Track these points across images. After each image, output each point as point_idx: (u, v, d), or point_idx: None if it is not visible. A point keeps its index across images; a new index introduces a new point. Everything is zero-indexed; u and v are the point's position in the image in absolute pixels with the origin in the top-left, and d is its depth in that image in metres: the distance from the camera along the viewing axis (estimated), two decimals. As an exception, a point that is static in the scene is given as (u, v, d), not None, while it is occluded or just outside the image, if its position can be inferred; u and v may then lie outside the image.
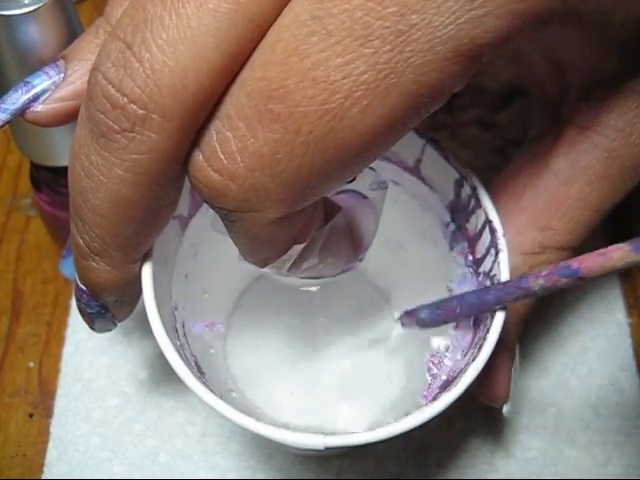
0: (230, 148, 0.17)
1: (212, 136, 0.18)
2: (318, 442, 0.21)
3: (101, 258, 0.21)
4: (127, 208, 0.19)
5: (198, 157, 0.18)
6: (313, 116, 0.17)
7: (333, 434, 0.21)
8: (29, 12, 0.23)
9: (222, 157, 0.18)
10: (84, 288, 0.23)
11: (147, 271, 0.24)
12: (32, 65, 0.25)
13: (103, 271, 0.22)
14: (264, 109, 0.17)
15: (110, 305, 0.24)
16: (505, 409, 0.27)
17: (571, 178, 0.25)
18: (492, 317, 0.23)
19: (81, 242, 0.21)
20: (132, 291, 0.23)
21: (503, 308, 0.23)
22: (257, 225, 0.19)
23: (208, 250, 0.30)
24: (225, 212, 0.19)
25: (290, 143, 0.17)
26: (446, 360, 0.26)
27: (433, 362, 0.27)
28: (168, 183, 0.19)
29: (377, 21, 0.16)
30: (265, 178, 0.18)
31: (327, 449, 0.21)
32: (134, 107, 0.17)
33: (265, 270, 0.24)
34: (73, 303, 0.37)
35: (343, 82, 0.16)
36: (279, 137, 0.17)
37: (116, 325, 0.26)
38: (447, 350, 0.27)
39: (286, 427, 0.21)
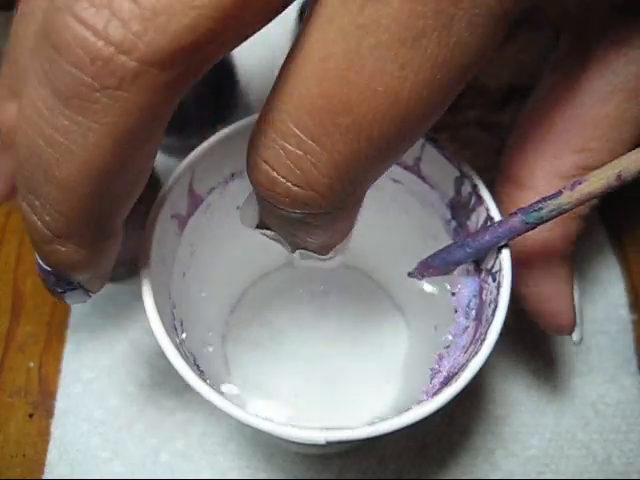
0: (306, 164, 0.17)
1: (281, 155, 0.17)
2: (319, 437, 0.21)
3: (68, 239, 0.19)
4: (102, 179, 0.17)
5: (272, 174, 0.18)
6: (381, 122, 0.17)
7: (334, 429, 0.21)
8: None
9: (299, 173, 0.17)
10: (49, 269, 0.20)
11: (145, 271, 0.24)
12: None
13: (72, 253, 0.19)
14: (331, 125, 0.17)
15: (82, 283, 0.21)
16: (575, 337, 0.27)
17: (607, 96, 0.24)
18: (493, 313, 0.23)
19: (40, 225, 0.18)
20: (106, 266, 0.21)
21: (503, 308, 0.23)
22: (338, 220, 0.19)
23: (206, 249, 0.30)
24: (301, 215, 0.19)
25: (364, 149, 0.17)
26: (447, 356, 0.26)
27: (434, 359, 0.27)
28: (151, 145, 0.18)
29: (420, 20, 0.16)
30: (345, 182, 0.18)
31: (328, 444, 0.21)
32: (124, 59, 0.15)
33: (284, 259, 0.24)
34: (73, 303, 0.37)
35: (403, 86, 0.16)
36: (353, 147, 0.17)
37: (90, 297, 0.23)
38: (448, 347, 0.27)
39: (287, 423, 0.21)
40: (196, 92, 0.37)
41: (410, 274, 0.28)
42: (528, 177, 0.25)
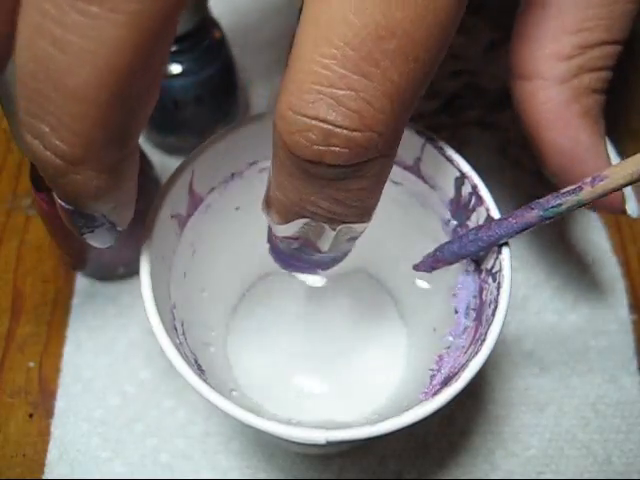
0: (361, 104, 0.17)
1: (332, 104, 0.17)
2: (320, 436, 0.21)
3: (85, 165, 0.17)
4: (122, 82, 0.16)
5: (326, 127, 0.17)
6: (426, 36, 0.17)
7: (335, 429, 0.21)
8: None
9: (356, 115, 0.17)
10: (71, 208, 0.19)
11: (145, 270, 0.24)
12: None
13: (91, 180, 0.18)
14: (379, 53, 0.16)
15: (108, 215, 0.20)
16: (630, 208, 0.26)
17: None
18: (494, 313, 0.23)
19: (51, 155, 0.17)
20: (129, 192, 0.20)
21: (503, 308, 0.23)
22: (386, 167, 0.19)
23: (206, 249, 0.30)
24: (352, 170, 0.18)
25: (413, 71, 0.17)
26: (447, 357, 0.26)
27: (434, 359, 0.27)
28: (170, 40, 0.16)
29: None
30: (398, 114, 0.17)
31: (329, 443, 0.21)
32: None
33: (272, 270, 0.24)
34: (73, 303, 0.37)
35: None
36: (403, 70, 0.17)
37: (119, 232, 0.22)
38: (448, 347, 0.27)
39: (287, 423, 0.21)
40: (196, 92, 0.37)
41: (416, 267, 0.28)
42: (533, 67, 0.25)
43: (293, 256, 0.24)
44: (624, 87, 0.30)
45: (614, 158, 0.26)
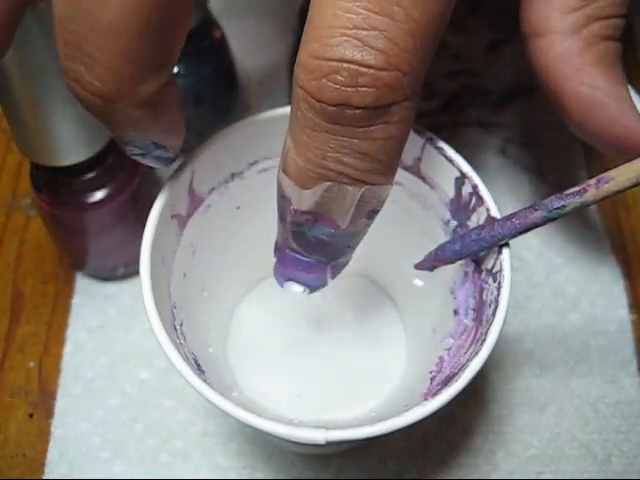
0: (386, 43, 0.17)
1: (357, 45, 0.17)
2: (319, 437, 0.21)
3: (122, 101, 0.18)
4: (150, 13, 0.16)
5: (353, 67, 0.17)
6: None
7: (334, 429, 0.21)
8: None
9: (381, 54, 0.17)
10: (127, 140, 0.21)
11: (145, 270, 0.24)
12: (32, 65, 0.25)
13: (130, 114, 0.19)
14: None
15: (158, 141, 0.21)
16: None
17: None
18: (494, 313, 0.23)
19: (91, 96, 0.18)
20: (174, 119, 0.21)
21: (503, 308, 0.23)
22: (410, 113, 0.19)
23: (206, 250, 0.30)
24: (380, 111, 0.18)
25: (434, 8, 0.17)
26: (447, 357, 0.26)
27: (435, 361, 0.27)
28: None
29: None
30: (421, 52, 0.18)
31: (328, 443, 0.21)
32: None
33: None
34: (73, 303, 0.37)
35: None
36: (426, 7, 0.17)
37: (175, 156, 0.23)
38: (449, 349, 0.27)
39: (288, 423, 0.21)
40: (196, 92, 0.37)
41: (417, 266, 0.28)
42: (544, 23, 0.25)
43: (301, 263, 0.23)
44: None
45: None
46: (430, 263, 0.27)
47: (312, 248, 0.22)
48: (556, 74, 0.25)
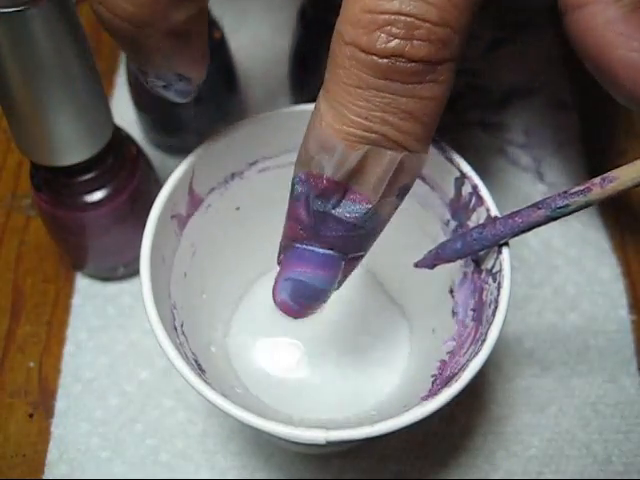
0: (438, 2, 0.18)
1: (409, 2, 0.17)
2: (320, 437, 0.21)
3: (152, 26, 0.19)
4: None
5: (409, 20, 0.17)
6: None
7: (335, 429, 0.21)
8: (26, 10, 0.23)
9: (435, 10, 0.18)
10: (150, 71, 0.21)
11: (145, 270, 0.24)
12: (31, 64, 0.25)
13: (159, 41, 0.19)
14: None
15: (182, 72, 0.21)
16: None
17: None
18: (494, 313, 0.23)
19: (119, 21, 0.18)
20: (200, 50, 0.21)
21: (503, 309, 0.23)
22: (453, 76, 0.19)
23: (207, 250, 0.30)
24: (429, 68, 0.18)
25: None
26: (447, 358, 0.26)
27: (436, 365, 0.27)
28: None
29: None
30: (469, 12, 0.18)
31: (329, 444, 0.21)
32: None
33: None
34: (73, 303, 0.37)
35: None
36: None
37: (195, 89, 0.23)
38: (450, 352, 0.27)
39: (289, 422, 0.21)
40: (196, 92, 0.37)
41: (417, 264, 0.28)
42: None
43: (314, 257, 0.22)
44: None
45: None
46: (430, 261, 0.27)
47: (333, 235, 0.21)
48: (601, 43, 0.25)
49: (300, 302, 0.23)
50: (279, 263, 0.23)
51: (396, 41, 0.18)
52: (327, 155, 0.20)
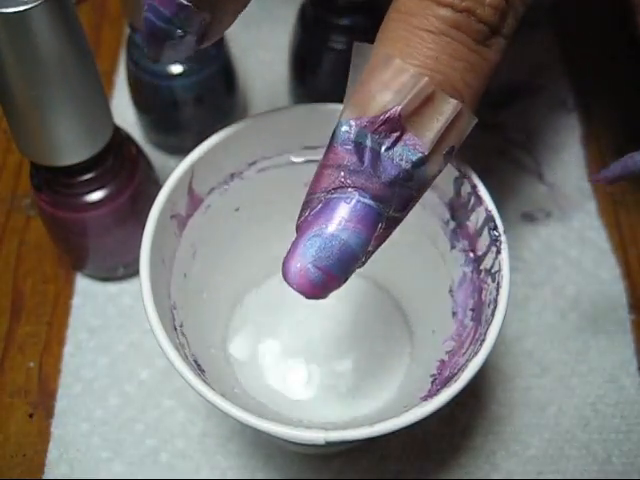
0: None
1: None
2: (319, 437, 0.21)
3: None
4: None
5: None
6: None
7: (334, 429, 0.21)
8: (26, 10, 0.23)
9: None
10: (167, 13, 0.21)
11: (145, 270, 0.24)
12: (31, 64, 0.25)
13: None
14: None
15: (206, 20, 0.21)
16: None
17: None
18: (493, 313, 0.23)
19: None
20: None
21: (502, 309, 0.23)
22: (503, 49, 0.21)
23: (207, 250, 0.30)
24: (490, 34, 0.20)
25: None
26: (447, 358, 0.26)
27: (436, 364, 0.27)
28: None
29: None
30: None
31: (328, 444, 0.21)
32: None
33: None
34: (73, 303, 0.37)
35: None
36: None
37: (199, 46, 0.23)
38: (450, 351, 0.27)
39: (288, 423, 0.21)
40: (196, 92, 0.37)
41: (595, 178, 0.27)
42: None
43: (353, 208, 0.20)
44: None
45: None
46: (615, 173, 0.26)
47: (380, 180, 0.19)
48: None
49: (325, 268, 0.20)
50: (299, 226, 0.20)
51: (472, 1, 0.19)
52: (392, 90, 0.19)
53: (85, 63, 0.27)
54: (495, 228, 0.25)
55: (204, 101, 0.38)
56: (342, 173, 0.19)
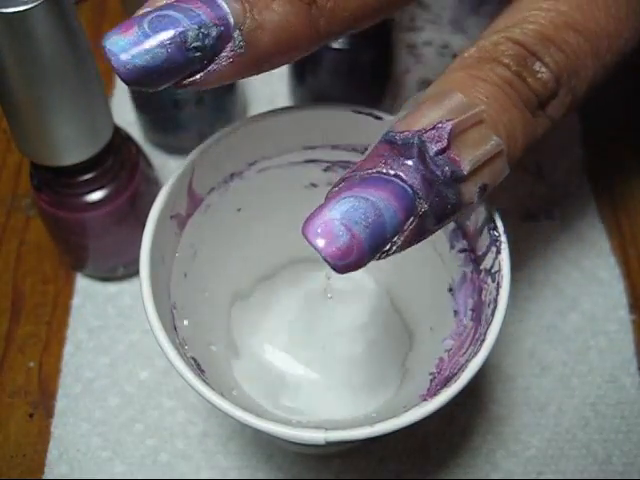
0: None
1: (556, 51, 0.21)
2: (319, 437, 0.21)
3: None
4: None
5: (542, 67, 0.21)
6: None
7: (334, 429, 0.21)
8: (26, 10, 0.23)
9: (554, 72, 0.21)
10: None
11: (145, 270, 0.24)
12: (31, 64, 0.25)
13: None
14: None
15: (245, 27, 0.19)
16: None
17: None
18: (493, 313, 0.23)
19: None
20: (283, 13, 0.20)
21: (502, 309, 0.23)
22: (550, 123, 0.22)
23: (207, 250, 0.30)
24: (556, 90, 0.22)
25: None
26: (447, 358, 0.26)
27: (435, 362, 0.27)
28: None
29: None
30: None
31: (328, 444, 0.21)
32: None
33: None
34: (73, 303, 0.37)
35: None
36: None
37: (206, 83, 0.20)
38: (449, 350, 0.27)
39: (288, 423, 0.21)
40: (196, 92, 0.37)
41: None
42: None
43: (391, 183, 0.19)
44: None
45: None
46: None
47: (420, 173, 0.19)
48: None
49: (354, 229, 0.18)
50: (330, 194, 0.19)
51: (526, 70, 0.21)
52: (445, 109, 0.20)
53: (85, 63, 0.27)
54: (495, 228, 0.25)
55: (204, 101, 0.38)
56: (386, 160, 0.19)
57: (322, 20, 0.20)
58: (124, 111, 0.42)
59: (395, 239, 0.19)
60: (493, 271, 0.25)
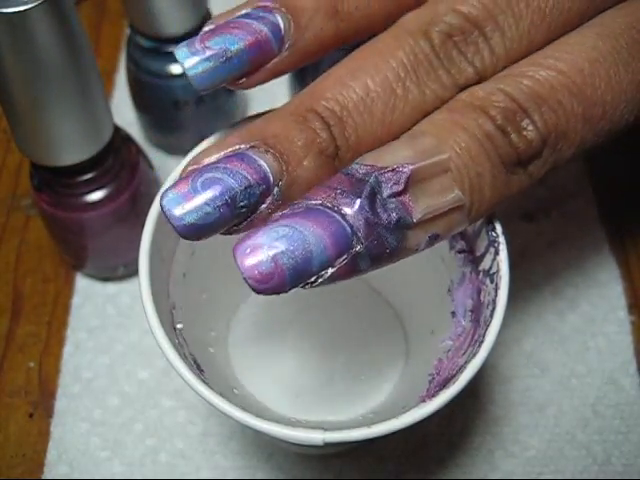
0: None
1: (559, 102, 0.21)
2: (317, 438, 0.21)
3: None
4: None
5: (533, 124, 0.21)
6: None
7: (333, 430, 0.21)
8: (26, 10, 0.23)
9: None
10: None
11: (144, 270, 0.24)
12: (31, 64, 0.25)
13: None
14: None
15: (281, 177, 0.20)
16: None
17: None
18: (492, 314, 0.23)
19: None
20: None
21: (501, 310, 0.23)
22: (528, 183, 0.22)
23: (206, 250, 0.30)
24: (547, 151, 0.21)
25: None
26: (446, 359, 0.26)
27: (433, 363, 0.27)
28: None
29: None
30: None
31: (326, 445, 0.21)
32: None
33: None
34: (73, 303, 0.37)
35: None
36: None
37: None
38: (448, 351, 0.27)
39: (287, 423, 0.21)
40: (196, 92, 0.37)
41: None
42: None
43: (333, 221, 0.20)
44: None
45: None
46: None
47: (363, 216, 0.20)
48: None
49: (278, 257, 0.19)
50: (271, 218, 0.20)
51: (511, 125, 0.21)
52: (413, 150, 0.20)
53: (85, 63, 0.27)
54: (493, 229, 0.25)
55: (204, 101, 0.38)
56: (335, 194, 0.20)
57: (344, 162, 0.21)
58: (124, 111, 0.42)
59: (322, 273, 0.20)
60: (492, 272, 0.25)
